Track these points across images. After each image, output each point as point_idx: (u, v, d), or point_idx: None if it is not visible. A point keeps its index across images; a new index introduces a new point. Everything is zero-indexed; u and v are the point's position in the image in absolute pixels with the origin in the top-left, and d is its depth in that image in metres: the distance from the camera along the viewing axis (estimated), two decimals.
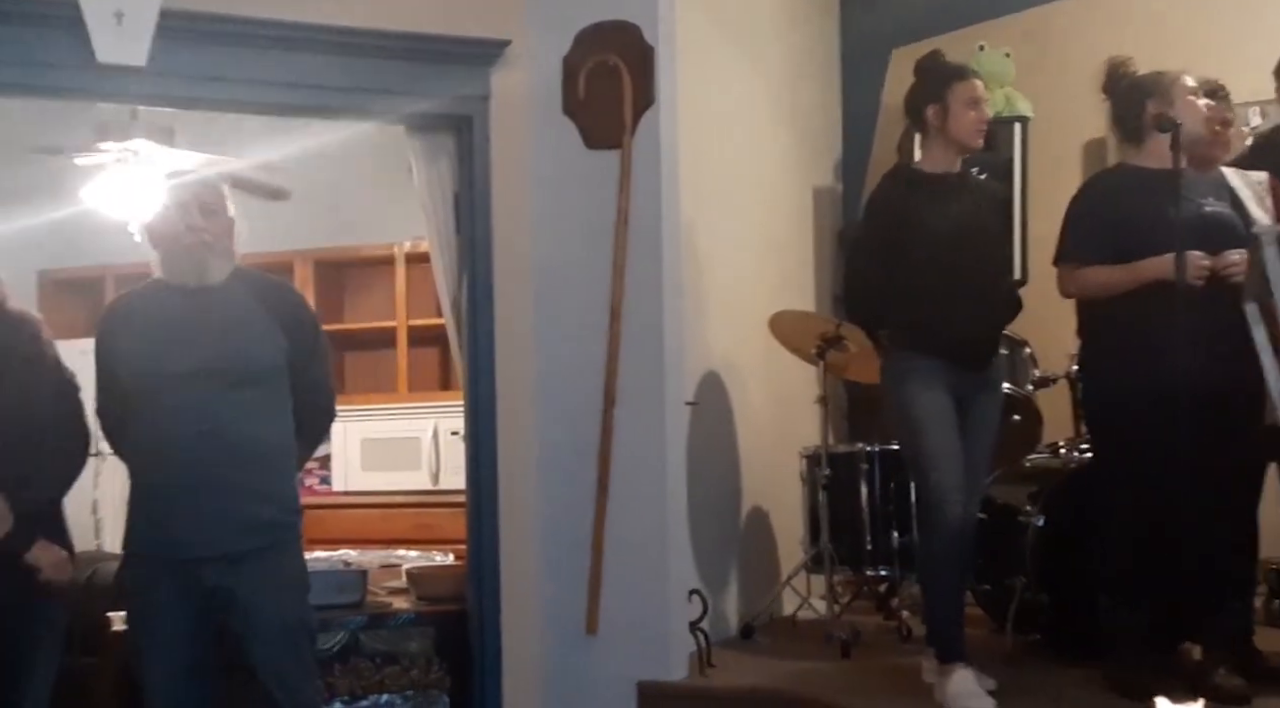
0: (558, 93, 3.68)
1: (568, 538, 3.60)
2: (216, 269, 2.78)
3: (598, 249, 3.62)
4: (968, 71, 3.31)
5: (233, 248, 2.83)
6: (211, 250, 2.77)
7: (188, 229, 2.75)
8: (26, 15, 3.11)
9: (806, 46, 5.35)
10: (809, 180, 5.30)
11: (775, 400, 4.71)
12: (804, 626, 4.20)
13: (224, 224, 2.80)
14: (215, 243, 2.77)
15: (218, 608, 2.70)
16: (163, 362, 2.70)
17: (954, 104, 3.22)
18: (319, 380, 2.92)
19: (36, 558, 2.66)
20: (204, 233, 2.75)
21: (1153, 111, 3.14)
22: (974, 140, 3.26)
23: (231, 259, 2.82)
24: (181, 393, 2.67)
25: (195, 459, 2.65)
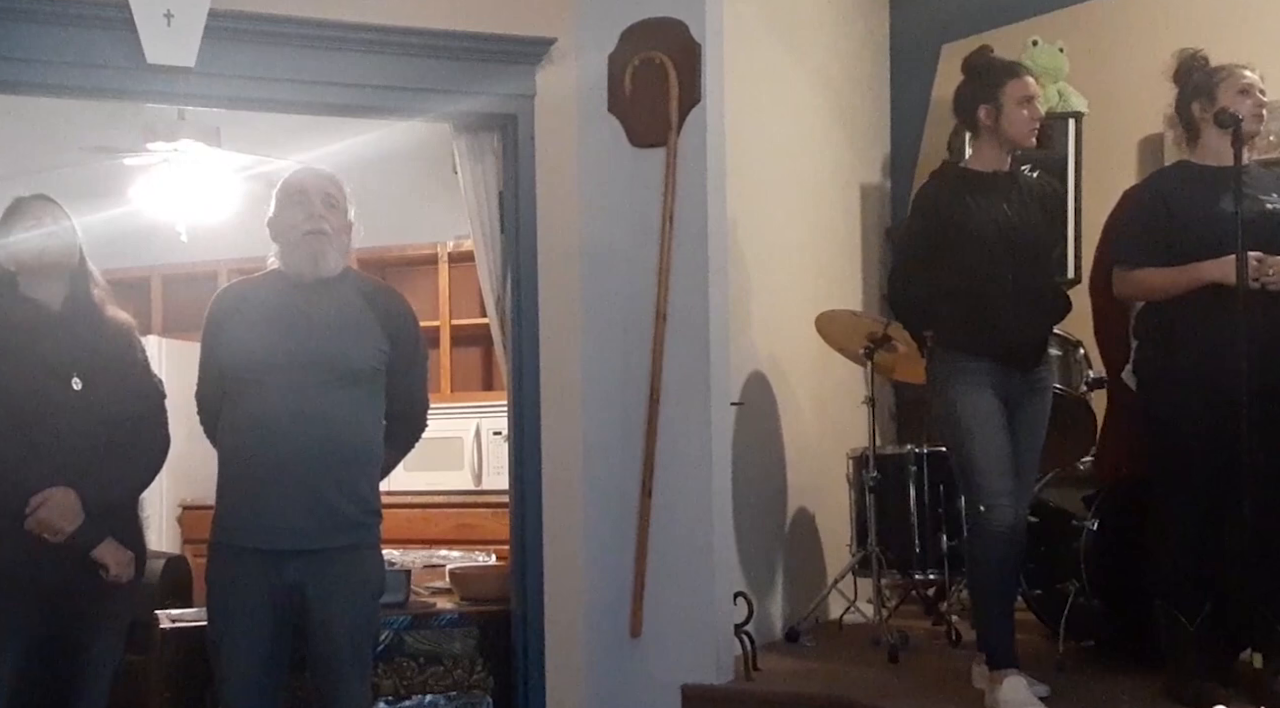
0: (603, 91, 3.66)
1: (611, 540, 3.58)
2: (334, 263, 2.78)
3: (643, 248, 3.59)
4: (1019, 68, 3.25)
5: (348, 246, 2.84)
6: (330, 242, 2.76)
7: (308, 217, 2.75)
8: (77, 17, 3.13)
9: (855, 42, 5.29)
10: (857, 178, 5.24)
11: (821, 401, 4.66)
12: (851, 630, 4.15)
13: (343, 219, 2.80)
14: (334, 236, 2.77)
15: (296, 603, 2.71)
16: (266, 352, 2.71)
17: (1007, 103, 3.17)
18: (414, 390, 2.92)
19: (103, 555, 2.71)
20: (324, 222, 2.75)
21: (1198, 113, 3.09)
22: (1028, 139, 3.20)
23: (345, 257, 2.83)
24: (280, 384, 2.69)
25: (286, 451, 2.66)
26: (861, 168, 5.29)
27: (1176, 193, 3.12)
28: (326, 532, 2.69)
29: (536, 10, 3.62)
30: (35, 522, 2.61)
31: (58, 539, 2.63)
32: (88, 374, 2.72)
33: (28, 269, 2.76)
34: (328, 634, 2.71)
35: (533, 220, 3.59)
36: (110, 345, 2.82)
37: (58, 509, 2.63)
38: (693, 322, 3.56)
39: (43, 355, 2.69)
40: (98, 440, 2.72)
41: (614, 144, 3.64)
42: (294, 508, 2.67)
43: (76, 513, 2.65)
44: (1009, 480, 3.10)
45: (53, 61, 3.15)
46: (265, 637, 2.70)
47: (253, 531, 2.70)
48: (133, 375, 2.85)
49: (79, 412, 2.70)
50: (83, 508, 2.66)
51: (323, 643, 2.72)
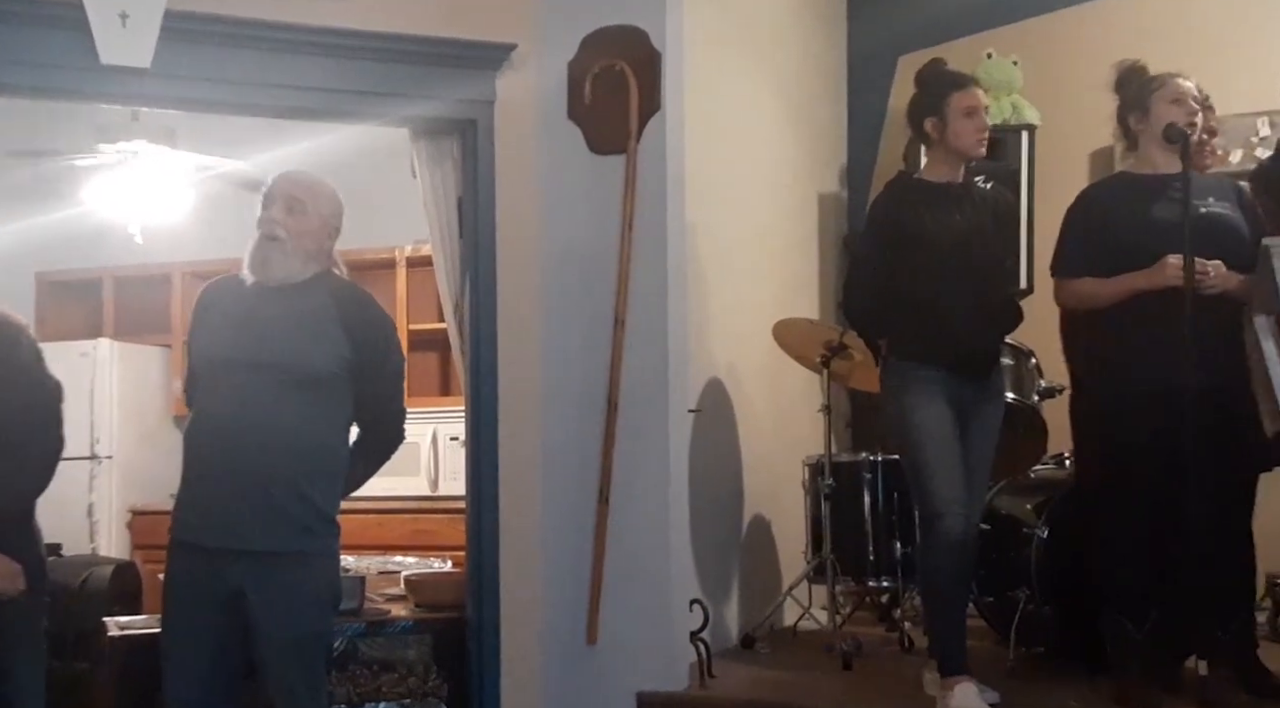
0: (563, 97, 3.66)
1: (568, 546, 3.57)
2: (283, 269, 2.72)
3: (602, 255, 3.60)
4: (965, 80, 3.30)
5: (319, 250, 2.77)
6: (279, 247, 2.71)
7: (263, 221, 2.72)
8: (30, 16, 3.09)
9: (814, 53, 5.33)
10: (815, 187, 5.28)
11: (778, 408, 4.68)
12: (805, 636, 4.17)
13: (307, 224, 2.74)
14: (289, 240, 2.71)
15: (243, 608, 2.65)
16: (224, 351, 2.70)
17: (952, 115, 3.22)
18: (384, 398, 2.85)
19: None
20: (277, 226, 2.70)
21: (1134, 124, 3.16)
22: (975, 150, 3.25)
23: (316, 261, 2.77)
24: (237, 384, 2.66)
25: (237, 450, 2.63)
26: (819, 177, 5.33)
27: (1111, 202, 3.20)
28: (271, 535, 2.64)
29: (497, 16, 3.61)
30: None
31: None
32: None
33: None
34: (269, 642, 2.65)
35: (492, 226, 3.59)
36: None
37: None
38: (651, 328, 3.57)
39: None
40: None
41: (574, 151, 3.64)
42: (239, 507, 2.63)
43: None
44: (960, 489, 3.13)
45: (7, 61, 3.10)
46: (209, 637, 2.65)
47: (200, 528, 2.67)
48: (20, 379, 2.73)
49: None
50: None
51: (265, 650, 2.66)
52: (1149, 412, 3.01)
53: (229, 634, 2.67)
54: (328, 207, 2.79)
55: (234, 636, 2.67)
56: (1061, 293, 3.26)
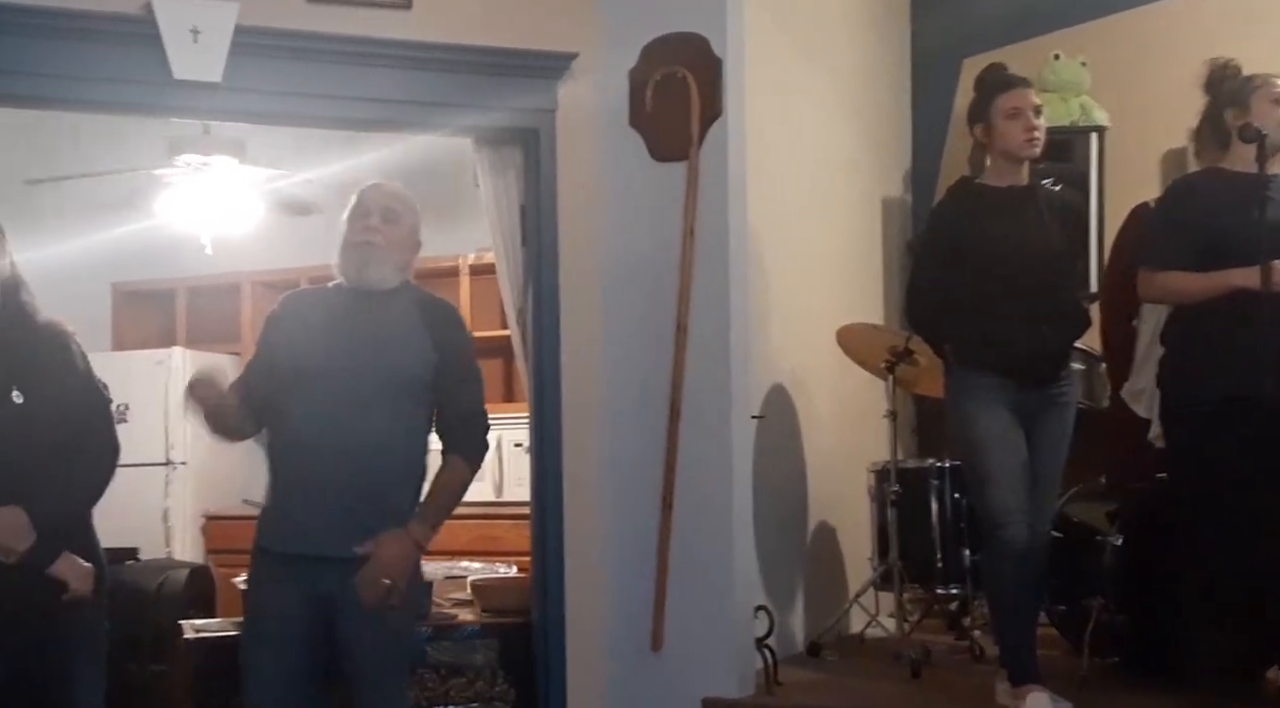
0: (624, 105, 3.67)
1: (632, 552, 3.58)
2: (379, 275, 2.78)
3: (664, 261, 3.60)
4: (1011, 82, 3.26)
5: (406, 261, 2.85)
6: (377, 254, 2.77)
7: (360, 230, 2.78)
8: (106, 33, 3.17)
9: (877, 56, 5.29)
10: (878, 191, 5.24)
11: (842, 415, 4.65)
12: (872, 644, 4.13)
13: (400, 234, 2.81)
14: (384, 248, 2.78)
15: (330, 614, 2.67)
16: (315, 358, 2.72)
17: (996, 118, 3.20)
18: (469, 401, 2.85)
19: (61, 571, 2.61)
20: (375, 235, 2.77)
21: (1231, 121, 3.08)
22: (1025, 151, 3.20)
23: (403, 271, 2.84)
24: (326, 391, 2.68)
25: (329, 457, 2.65)
26: (883, 181, 5.29)
27: (1210, 197, 3.10)
28: (361, 542, 2.65)
29: (558, 25, 3.64)
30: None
31: (10, 560, 2.53)
32: (28, 386, 2.61)
33: None
34: (357, 647, 2.68)
35: (554, 234, 3.61)
36: (47, 354, 2.69)
37: (7, 529, 2.53)
38: (713, 335, 3.56)
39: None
40: (42, 454, 2.60)
41: (635, 158, 3.66)
42: (332, 515, 2.65)
43: (27, 531, 2.55)
44: (1022, 499, 3.09)
45: (82, 77, 3.18)
46: (295, 643, 2.67)
47: (291, 536, 2.69)
48: (73, 384, 2.72)
49: (21, 426, 2.58)
50: (33, 525, 2.56)
51: (352, 656, 2.69)
52: (1236, 418, 2.93)
53: (314, 640, 2.69)
54: (414, 219, 2.87)
55: (319, 641, 2.69)
56: (1148, 285, 3.15)
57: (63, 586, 2.61)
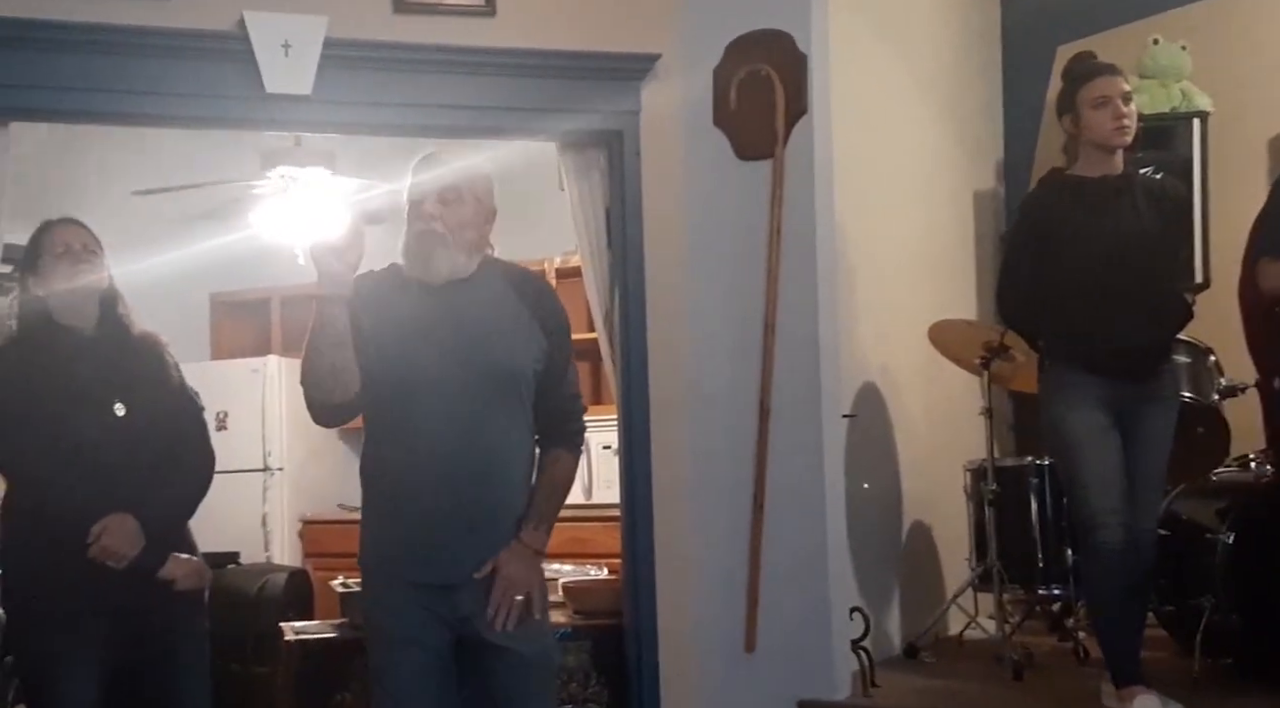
0: (708, 105, 3.65)
1: (724, 553, 3.55)
2: (448, 266, 2.44)
3: (751, 261, 3.57)
4: (1095, 70, 3.18)
5: (478, 239, 2.49)
6: (441, 242, 2.43)
7: (416, 216, 2.46)
8: (200, 50, 3.25)
9: (966, 45, 5.19)
10: (970, 184, 5.14)
11: (936, 412, 4.57)
12: (972, 646, 4.05)
13: (464, 213, 2.46)
14: (447, 234, 2.44)
15: (468, 637, 2.44)
16: (414, 364, 2.40)
17: (1082, 108, 3.13)
18: (574, 389, 2.58)
19: (170, 571, 2.68)
20: (433, 222, 2.44)
21: None
22: (1114, 139, 3.12)
23: (476, 252, 2.49)
24: (435, 400, 2.39)
25: (457, 472, 2.39)
26: (975, 173, 5.19)
27: None
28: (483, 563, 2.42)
29: (641, 27, 3.63)
30: (98, 550, 2.57)
31: (121, 565, 2.60)
32: (129, 398, 2.68)
33: (59, 295, 2.69)
34: (513, 670, 2.45)
35: (639, 235, 3.60)
36: (145, 366, 2.76)
37: (119, 535, 2.59)
38: (802, 333, 3.52)
39: (84, 384, 2.65)
40: (146, 463, 2.68)
41: (720, 157, 3.63)
42: (447, 538, 2.40)
43: (137, 537, 2.62)
44: (1117, 499, 3.01)
45: (178, 94, 3.26)
46: (436, 676, 2.43)
47: (407, 563, 2.43)
48: (168, 394, 2.79)
49: (125, 437, 2.65)
50: (142, 531, 2.62)
51: (508, 680, 2.46)
52: None
53: (452, 665, 2.46)
54: (481, 187, 2.52)
55: (461, 670, 2.47)
56: (1267, 277, 3.06)
57: (171, 586, 2.69)
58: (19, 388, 2.64)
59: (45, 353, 2.68)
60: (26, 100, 3.13)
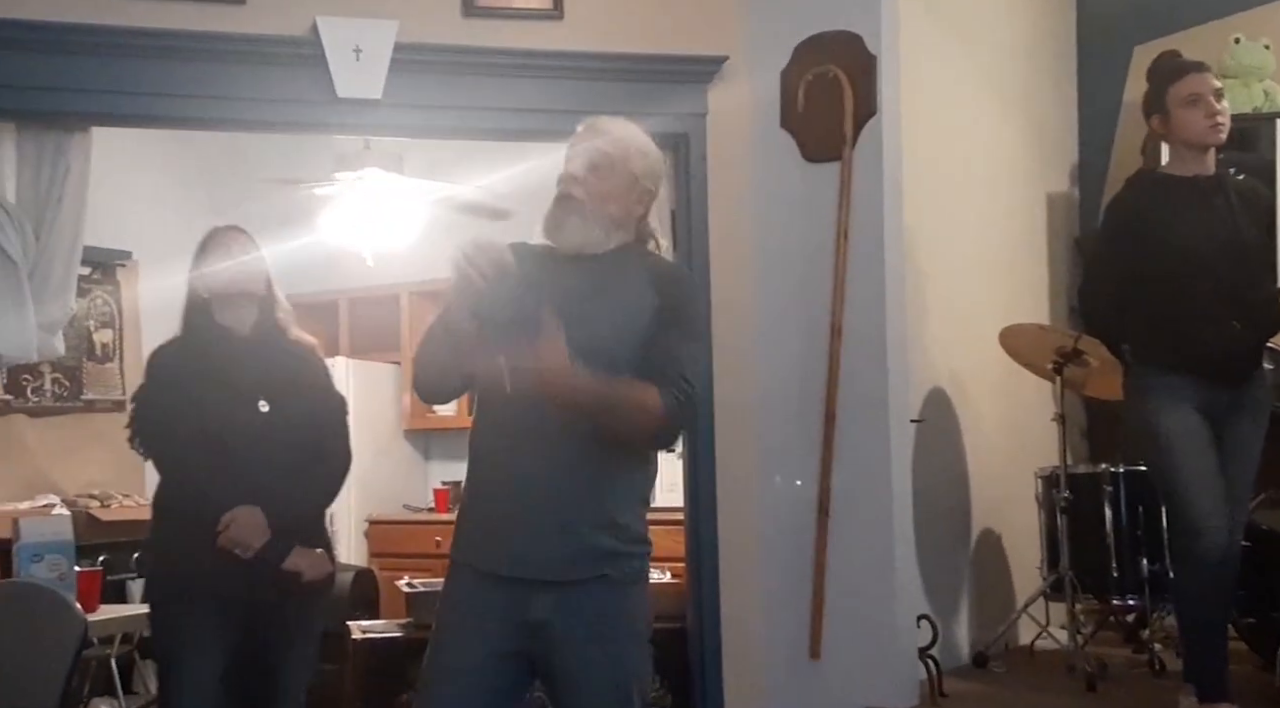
0: (775, 107, 3.63)
1: (788, 559, 3.53)
2: (581, 236, 2.22)
3: (817, 264, 3.55)
4: (1185, 68, 3.10)
5: (626, 216, 2.26)
6: (580, 209, 2.22)
7: (560, 180, 2.27)
8: (273, 56, 3.30)
9: (1040, 45, 5.11)
10: (1043, 187, 5.06)
11: (1007, 418, 4.49)
12: (1044, 656, 3.98)
13: (610, 186, 2.24)
14: (586, 203, 2.22)
15: (541, 643, 2.17)
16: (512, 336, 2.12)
17: (1173, 107, 3.05)
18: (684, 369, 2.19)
19: (294, 564, 2.78)
20: (575, 185, 2.23)
21: None
22: (1209, 137, 3.04)
23: (623, 230, 2.26)
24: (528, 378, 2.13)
25: (539, 459, 2.16)
26: (1048, 176, 5.10)
27: None
28: (582, 561, 2.17)
29: (708, 29, 3.62)
30: (226, 539, 2.71)
31: (247, 555, 2.71)
32: (274, 396, 2.81)
33: (220, 296, 2.86)
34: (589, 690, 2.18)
35: (705, 238, 3.59)
36: (294, 368, 2.90)
37: (246, 527, 2.71)
38: (870, 337, 3.49)
39: (233, 379, 2.79)
40: (283, 460, 2.79)
41: (787, 159, 3.61)
42: (537, 529, 2.16)
43: (264, 530, 2.73)
44: (1220, 502, 2.92)
45: (253, 98, 3.32)
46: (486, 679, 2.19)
47: (489, 551, 2.20)
48: (315, 396, 2.93)
49: (265, 433, 2.78)
50: (269, 525, 2.73)
51: (576, 695, 2.19)
52: None
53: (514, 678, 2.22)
54: (639, 164, 2.28)
55: (519, 680, 2.23)
56: None
57: (298, 578, 2.79)
58: (174, 383, 2.81)
59: (202, 351, 2.84)
60: (107, 106, 3.21)
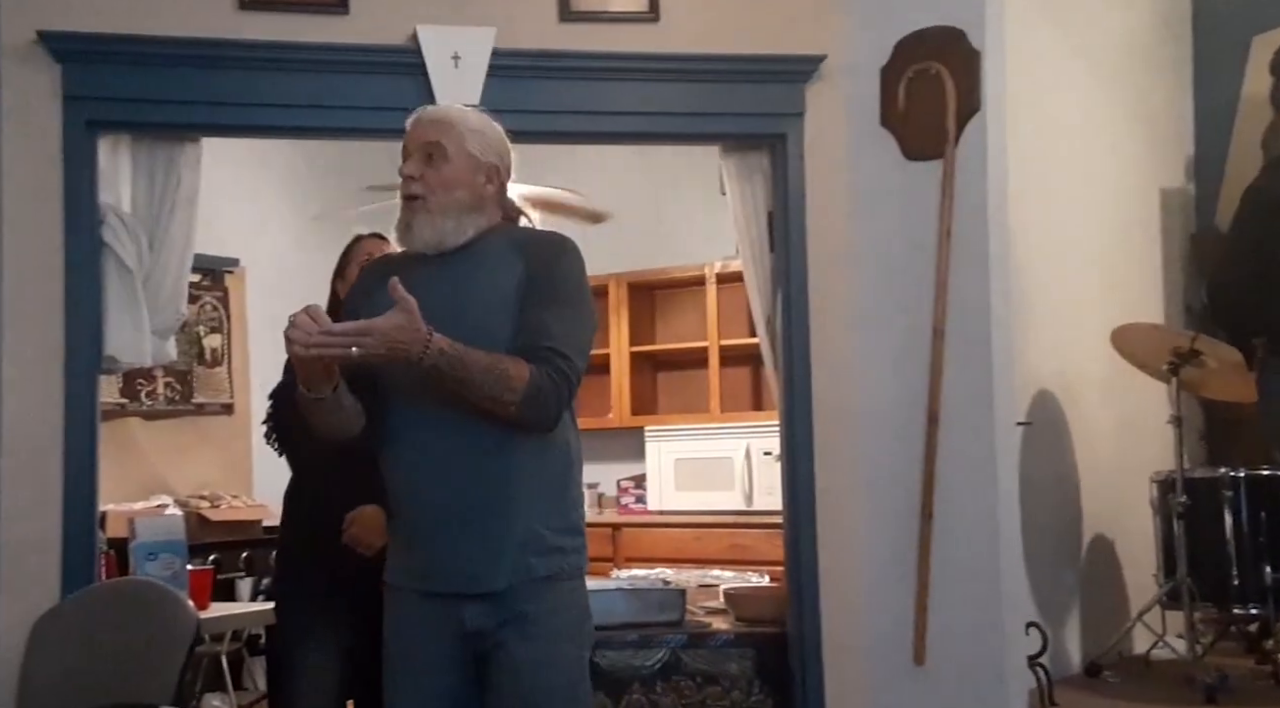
0: (875, 105, 3.58)
1: (891, 564, 3.47)
2: (432, 234, 2.11)
3: (918, 264, 3.48)
4: None
5: (477, 199, 2.13)
6: (424, 206, 2.10)
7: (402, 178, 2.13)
8: (375, 65, 3.37)
9: (1153, 36, 4.96)
10: (1156, 182, 4.90)
11: (1119, 421, 4.36)
12: (1160, 666, 3.85)
13: (452, 171, 2.12)
14: (430, 197, 2.10)
15: (483, 660, 2.09)
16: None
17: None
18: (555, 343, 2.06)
19: None
20: (413, 184, 2.11)
21: None
22: None
23: (478, 214, 2.13)
24: (414, 386, 2.04)
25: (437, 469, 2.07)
26: (1161, 171, 4.95)
27: None
28: (514, 567, 2.07)
29: (805, 28, 3.59)
30: (348, 537, 2.79)
31: (369, 554, 2.75)
32: None
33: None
34: (532, 699, 2.08)
35: (803, 239, 3.55)
36: None
37: (368, 526, 2.77)
38: (973, 339, 3.41)
39: None
40: None
41: (887, 158, 3.55)
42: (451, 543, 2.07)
43: (384, 530, 2.70)
44: None
45: (356, 107, 3.38)
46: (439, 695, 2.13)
47: (413, 569, 2.13)
48: None
49: None
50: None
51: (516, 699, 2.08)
52: None
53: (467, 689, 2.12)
54: (476, 142, 2.16)
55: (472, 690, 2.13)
56: None
57: None
58: None
59: None
60: (217, 117, 3.30)
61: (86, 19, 3.16)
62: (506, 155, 2.24)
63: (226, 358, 5.58)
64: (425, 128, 2.17)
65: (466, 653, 2.10)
